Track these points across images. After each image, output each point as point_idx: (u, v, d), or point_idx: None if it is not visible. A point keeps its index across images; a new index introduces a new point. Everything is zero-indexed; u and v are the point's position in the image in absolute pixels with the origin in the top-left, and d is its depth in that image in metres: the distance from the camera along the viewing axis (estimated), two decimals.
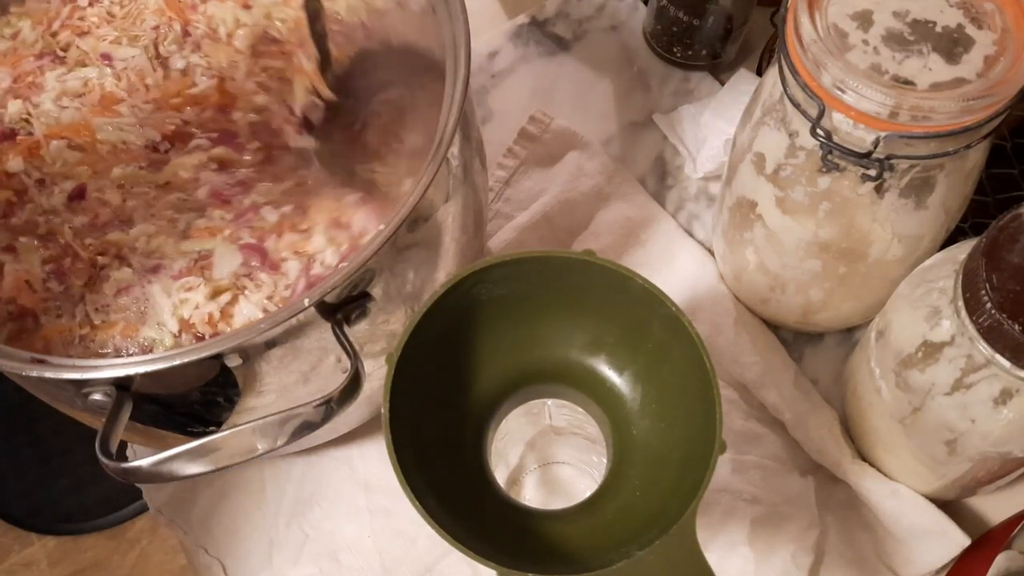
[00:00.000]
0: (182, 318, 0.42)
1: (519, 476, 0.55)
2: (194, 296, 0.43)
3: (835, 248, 0.49)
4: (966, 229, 0.55)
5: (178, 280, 0.43)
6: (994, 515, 0.54)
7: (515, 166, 0.64)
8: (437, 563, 0.54)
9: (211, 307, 0.42)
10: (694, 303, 0.59)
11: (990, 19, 0.42)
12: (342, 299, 0.40)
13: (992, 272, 0.38)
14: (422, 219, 0.43)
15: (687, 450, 0.37)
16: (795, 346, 0.59)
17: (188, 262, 0.44)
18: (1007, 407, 0.41)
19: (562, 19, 0.70)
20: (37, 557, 1.24)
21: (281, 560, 0.55)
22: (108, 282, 0.44)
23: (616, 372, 0.41)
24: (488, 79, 0.69)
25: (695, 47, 0.66)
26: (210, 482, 0.57)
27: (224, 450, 0.37)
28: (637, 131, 0.66)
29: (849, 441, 0.54)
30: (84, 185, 0.46)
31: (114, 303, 0.43)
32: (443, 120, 0.41)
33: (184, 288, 0.43)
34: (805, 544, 0.52)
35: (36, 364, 0.38)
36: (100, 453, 0.37)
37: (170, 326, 0.42)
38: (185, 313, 0.42)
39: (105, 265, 0.44)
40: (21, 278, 0.43)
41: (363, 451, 0.57)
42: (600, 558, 0.36)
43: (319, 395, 0.38)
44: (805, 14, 0.42)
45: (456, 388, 0.40)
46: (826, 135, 0.43)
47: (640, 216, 0.62)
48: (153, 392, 0.40)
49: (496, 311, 0.40)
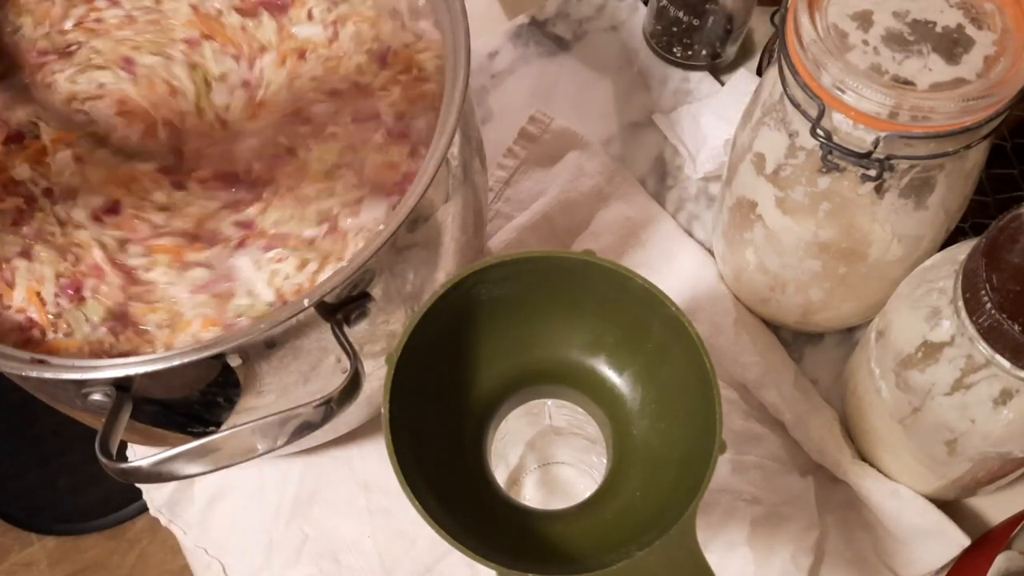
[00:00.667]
0: (278, 289, 0.42)
1: (519, 476, 0.55)
2: (284, 267, 0.43)
3: (835, 248, 0.49)
4: (966, 229, 0.55)
5: (268, 252, 0.43)
6: (994, 515, 0.54)
7: (515, 166, 0.64)
8: (437, 563, 0.54)
9: (301, 278, 0.43)
10: (694, 303, 0.59)
11: (990, 19, 0.42)
12: (342, 299, 0.40)
13: (992, 272, 0.38)
14: (422, 219, 0.43)
15: (687, 450, 0.37)
16: (795, 346, 0.59)
17: (277, 233, 0.44)
18: (1007, 407, 0.41)
19: (562, 19, 0.70)
20: (37, 557, 1.24)
21: (281, 560, 0.55)
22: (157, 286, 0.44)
23: (616, 372, 0.41)
24: (488, 79, 0.69)
25: (695, 47, 0.66)
26: (210, 482, 0.56)
27: (224, 450, 0.37)
28: (637, 131, 0.66)
29: (849, 441, 0.54)
30: (118, 203, 0.45)
31: (191, 299, 0.43)
32: (443, 120, 0.41)
33: (275, 260, 0.43)
34: (805, 544, 0.52)
35: (36, 364, 0.38)
36: (100, 453, 0.37)
37: (265, 296, 0.42)
38: (279, 283, 0.43)
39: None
40: (33, 289, 0.43)
41: (363, 451, 0.57)
42: (600, 558, 0.36)
43: (319, 395, 0.38)
44: (805, 14, 0.42)
45: (456, 388, 0.40)
46: (826, 135, 0.43)
47: (640, 216, 0.62)
48: (153, 392, 0.40)
49: (496, 311, 0.40)
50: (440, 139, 0.40)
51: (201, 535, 0.56)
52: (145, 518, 1.22)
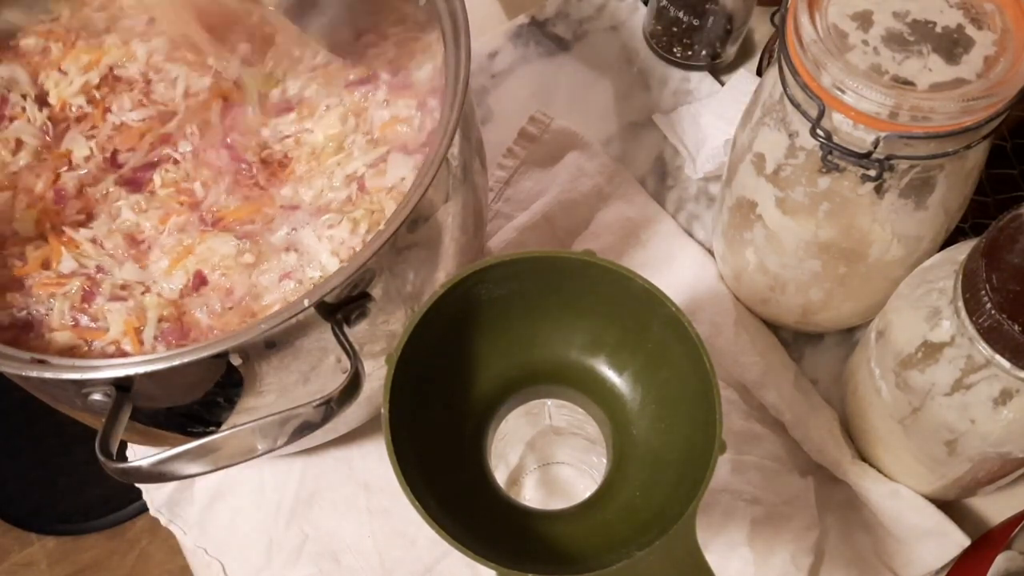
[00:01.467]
0: (337, 253, 0.43)
1: (519, 476, 0.55)
2: (338, 232, 0.44)
3: (835, 248, 0.49)
4: (966, 229, 0.55)
5: (319, 218, 0.44)
6: (994, 515, 0.54)
7: (515, 166, 0.64)
8: (437, 563, 0.54)
9: (355, 241, 0.44)
10: (694, 303, 0.59)
11: (990, 19, 0.42)
12: (342, 299, 0.40)
13: (992, 272, 0.38)
14: (422, 219, 0.43)
15: (687, 450, 0.37)
16: (795, 346, 0.59)
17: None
18: (1007, 407, 0.41)
19: (562, 19, 0.70)
20: (37, 557, 1.24)
21: (281, 560, 0.55)
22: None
23: (616, 372, 0.41)
24: (488, 79, 0.69)
25: (695, 47, 0.66)
26: (210, 482, 0.57)
27: (224, 450, 0.37)
28: (637, 131, 0.66)
29: (849, 441, 0.54)
30: (202, 274, 0.45)
31: (277, 288, 0.44)
32: (443, 120, 0.41)
33: (327, 226, 0.44)
34: (805, 544, 0.52)
35: (36, 364, 0.38)
36: (100, 453, 0.37)
37: (331, 265, 0.43)
38: (337, 249, 0.44)
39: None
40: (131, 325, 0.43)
41: (363, 451, 0.57)
42: (600, 558, 0.36)
43: (319, 395, 0.38)
44: (805, 14, 0.42)
45: (456, 388, 0.40)
46: (826, 135, 0.43)
47: (640, 216, 0.62)
48: (153, 392, 0.40)
49: (496, 311, 0.40)
50: (440, 139, 0.41)
51: (201, 535, 0.56)
52: (145, 518, 1.22)
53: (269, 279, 0.44)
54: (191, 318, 0.43)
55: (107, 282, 0.44)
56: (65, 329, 0.43)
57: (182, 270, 0.44)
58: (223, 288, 0.44)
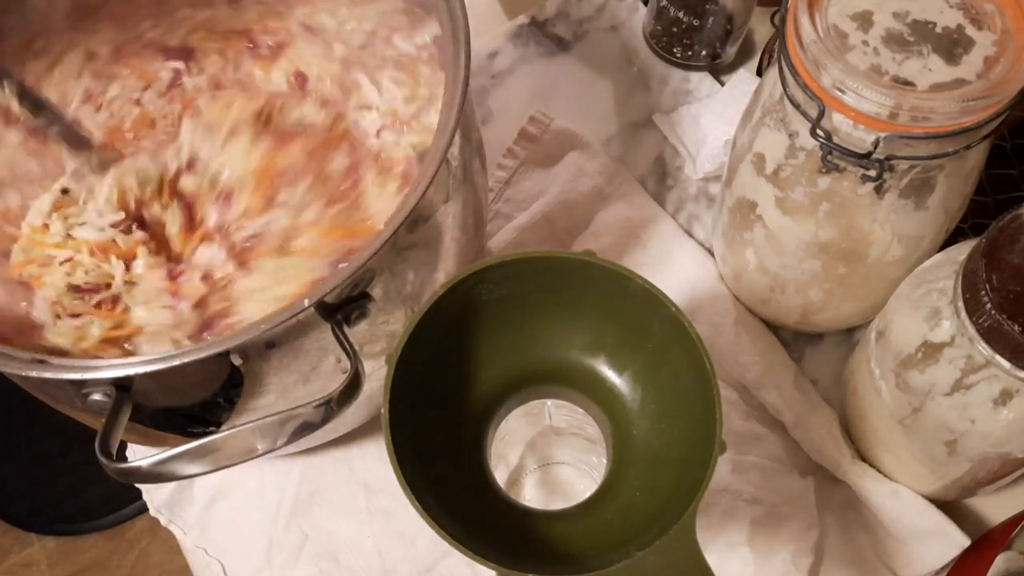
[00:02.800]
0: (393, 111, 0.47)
1: (519, 476, 0.55)
2: (399, 92, 0.48)
3: (835, 249, 0.49)
4: (966, 229, 0.55)
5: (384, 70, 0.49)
6: (994, 515, 0.54)
7: (515, 166, 0.64)
8: (437, 563, 0.54)
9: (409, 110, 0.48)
10: (694, 303, 0.59)
11: (990, 20, 0.42)
12: (342, 299, 0.40)
13: (992, 273, 0.38)
14: (422, 219, 0.43)
15: (687, 450, 0.37)
16: (795, 346, 0.59)
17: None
18: (1007, 408, 0.41)
19: (562, 19, 0.70)
20: (37, 557, 1.24)
21: (281, 560, 0.55)
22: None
23: (616, 372, 0.41)
24: (488, 79, 0.69)
25: (695, 47, 0.66)
26: (210, 482, 0.57)
27: (224, 450, 0.37)
28: (637, 131, 0.66)
29: (849, 441, 0.54)
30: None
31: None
32: (443, 120, 0.41)
33: (393, 82, 0.49)
34: (805, 545, 0.52)
35: (36, 364, 0.38)
36: (100, 453, 0.37)
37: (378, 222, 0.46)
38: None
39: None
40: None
41: (363, 451, 0.57)
42: (600, 558, 0.36)
43: (319, 395, 0.38)
44: (805, 14, 0.42)
45: (456, 388, 0.40)
46: (826, 136, 0.43)
47: (640, 216, 0.62)
48: (153, 392, 0.40)
49: (496, 311, 0.40)
50: (440, 139, 0.40)
51: (201, 535, 0.56)
52: (145, 518, 1.22)
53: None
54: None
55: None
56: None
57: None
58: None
